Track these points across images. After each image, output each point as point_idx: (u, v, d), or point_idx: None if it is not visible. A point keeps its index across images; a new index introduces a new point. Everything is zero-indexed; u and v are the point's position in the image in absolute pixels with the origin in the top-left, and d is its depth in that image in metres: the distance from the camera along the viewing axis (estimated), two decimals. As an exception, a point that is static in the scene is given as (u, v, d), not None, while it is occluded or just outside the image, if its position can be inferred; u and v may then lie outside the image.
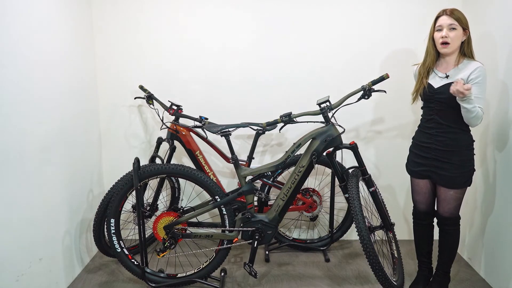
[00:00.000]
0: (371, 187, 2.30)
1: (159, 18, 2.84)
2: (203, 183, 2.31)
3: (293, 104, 2.85)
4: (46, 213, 2.20)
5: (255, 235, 2.35)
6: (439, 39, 2.01)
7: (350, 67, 2.88)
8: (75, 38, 2.57)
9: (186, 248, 2.82)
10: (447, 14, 1.98)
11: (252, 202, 2.37)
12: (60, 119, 2.35)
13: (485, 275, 2.51)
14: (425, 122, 2.16)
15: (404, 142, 2.85)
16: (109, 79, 2.91)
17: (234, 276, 2.57)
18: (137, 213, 2.27)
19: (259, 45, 2.88)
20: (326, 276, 2.57)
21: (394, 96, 2.74)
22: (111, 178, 2.89)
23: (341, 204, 2.98)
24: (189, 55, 2.88)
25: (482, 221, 2.53)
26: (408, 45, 2.83)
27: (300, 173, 2.30)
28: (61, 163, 2.36)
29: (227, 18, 2.85)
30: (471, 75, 1.96)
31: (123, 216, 2.60)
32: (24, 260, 1.99)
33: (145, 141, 3.01)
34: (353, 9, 2.83)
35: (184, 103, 2.83)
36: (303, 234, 3.13)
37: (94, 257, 2.82)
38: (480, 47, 2.45)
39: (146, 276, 2.35)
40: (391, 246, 2.38)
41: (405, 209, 3.07)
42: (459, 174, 2.06)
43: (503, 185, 2.30)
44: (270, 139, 3.01)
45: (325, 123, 2.27)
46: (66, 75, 2.43)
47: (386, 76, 2.16)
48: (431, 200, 2.26)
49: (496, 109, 2.36)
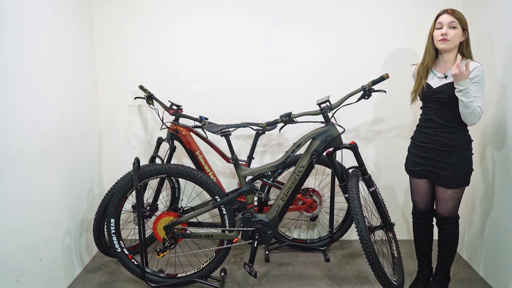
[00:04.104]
0: (371, 187, 2.30)
1: (159, 18, 2.84)
2: (203, 183, 2.31)
3: (293, 104, 2.85)
4: (46, 213, 2.20)
5: (255, 235, 2.35)
6: (438, 36, 2.01)
7: (350, 67, 2.88)
8: (75, 38, 2.57)
9: (186, 248, 2.82)
10: (448, 13, 1.99)
11: (252, 202, 2.37)
12: (60, 118, 2.35)
13: (484, 274, 2.52)
14: (424, 121, 2.16)
15: (404, 142, 2.84)
16: (109, 79, 2.91)
17: (234, 276, 2.58)
18: (137, 213, 2.27)
19: (259, 45, 2.88)
20: (326, 276, 2.58)
21: (394, 96, 2.74)
22: (111, 178, 2.89)
23: (341, 204, 2.98)
24: (189, 55, 2.88)
25: (482, 221, 2.54)
26: (408, 45, 2.83)
27: (300, 173, 2.30)
28: (61, 163, 2.36)
29: (227, 18, 2.85)
30: (470, 74, 1.97)
31: (123, 216, 2.60)
32: (24, 260, 1.99)
33: (145, 141, 3.01)
34: (353, 9, 2.83)
35: (184, 103, 2.83)
36: (303, 234, 3.14)
37: (94, 257, 2.82)
38: (479, 47, 2.46)
39: (146, 276, 2.35)
40: (391, 246, 2.38)
41: (405, 209, 3.08)
42: (457, 174, 2.07)
43: (502, 184, 2.31)
44: (270, 139, 3.01)
45: (325, 123, 2.28)
46: (66, 75, 2.43)
47: (386, 76, 2.17)
48: (430, 200, 2.26)
49: (494, 109, 2.37)
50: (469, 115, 1.95)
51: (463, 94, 1.90)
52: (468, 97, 1.90)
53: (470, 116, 1.95)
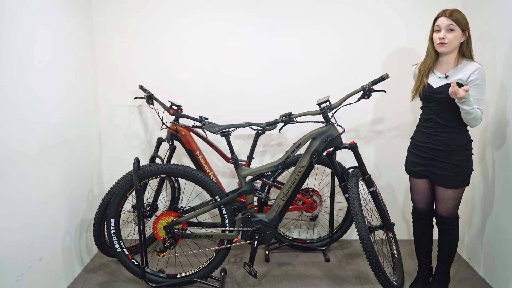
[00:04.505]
0: (371, 187, 2.30)
1: (159, 18, 2.84)
2: (203, 183, 2.31)
3: (293, 104, 2.85)
4: (46, 213, 2.20)
5: (255, 235, 2.35)
6: (436, 40, 2.02)
7: (350, 67, 2.88)
8: (75, 38, 2.57)
9: (186, 248, 2.82)
10: (446, 16, 1.98)
11: (252, 202, 2.37)
12: (60, 119, 2.35)
13: (484, 274, 2.52)
14: (424, 121, 2.16)
15: (404, 142, 2.84)
16: (109, 79, 2.91)
17: (234, 276, 2.57)
18: (137, 213, 2.27)
19: (259, 45, 2.88)
20: (326, 276, 2.58)
21: (394, 96, 2.74)
22: (111, 178, 2.89)
23: (341, 204, 2.98)
24: (189, 55, 2.88)
25: (482, 221, 2.54)
26: (409, 45, 2.83)
27: (300, 173, 2.30)
28: (61, 163, 2.36)
29: (227, 18, 2.85)
30: (470, 76, 1.97)
31: (123, 216, 2.60)
32: (24, 260, 1.99)
33: (145, 141, 3.01)
34: (354, 9, 2.83)
35: (184, 103, 2.83)
36: (303, 234, 3.14)
37: (94, 257, 2.82)
38: (479, 47, 2.46)
39: (146, 276, 2.35)
40: (391, 246, 2.38)
41: (405, 209, 3.08)
42: (457, 174, 2.07)
43: (502, 184, 2.31)
44: (270, 139, 3.01)
45: (325, 123, 2.28)
46: (66, 75, 2.43)
47: (386, 76, 2.17)
48: (430, 200, 2.26)
49: (494, 109, 2.37)
50: (471, 120, 1.96)
51: (463, 103, 1.90)
52: (470, 105, 1.90)
53: (472, 121, 1.96)
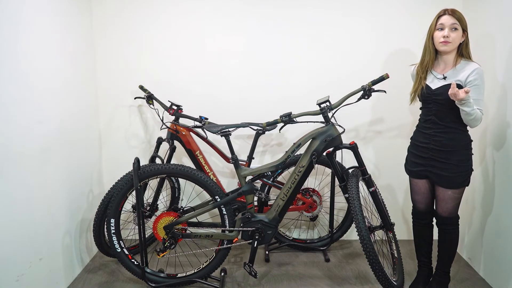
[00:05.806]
0: (371, 187, 2.30)
1: (159, 18, 2.84)
2: (203, 183, 2.31)
3: (293, 104, 2.85)
4: (46, 213, 2.20)
5: (255, 235, 2.35)
6: (439, 38, 2.00)
7: (350, 67, 2.88)
8: (75, 38, 2.57)
9: (186, 248, 2.82)
10: (449, 14, 1.97)
11: (252, 202, 2.37)
12: (60, 119, 2.35)
13: (484, 274, 2.52)
14: (423, 122, 2.16)
15: (404, 142, 2.85)
16: (109, 79, 2.91)
17: (234, 276, 2.57)
18: (137, 213, 2.27)
19: (259, 45, 2.88)
20: (326, 276, 2.58)
21: (394, 96, 2.74)
22: (111, 178, 2.89)
23: (341, 204, 2.98)
24: (189, 55, 2.88)
25: (482, 221, 2.54)
26: (408, 45, 2.83)
27: (300, 173, 2.30)
28: (61, 163, 2.36)
29: (227, 18, 2.85)
30: (469, 77, 1.96)
31: (123, 216, 2.60)
32: (24, 260, 1.99)
33: (145, 141, 3.01)
34: (353, 9, 2.83)
35: (184, 103, 2.83)
36: (303, 234, 3.14)
37: (94, 257, 2.82)
38: (479, 47, 2.46)
39: (146, 276, 2.35)
40: (391, 246, 2.38)
41: (405, 209, 3.08)
42: (457, 174, 2.07)
43: (502, 184, 2.30)
44: (270, 139, 3.01)
45: (325, 123, 2.28)
46: (66, 75, 2.43)
47: (386, 76, 2.16)
48: (430, 200, 2.26)
49: (495, 109, 2.37)
50: (472, 121, 1.96)
51: (463, 105, 1.90)
52: (469, 106, 1.90)
53: (472, 122, 1.97)
